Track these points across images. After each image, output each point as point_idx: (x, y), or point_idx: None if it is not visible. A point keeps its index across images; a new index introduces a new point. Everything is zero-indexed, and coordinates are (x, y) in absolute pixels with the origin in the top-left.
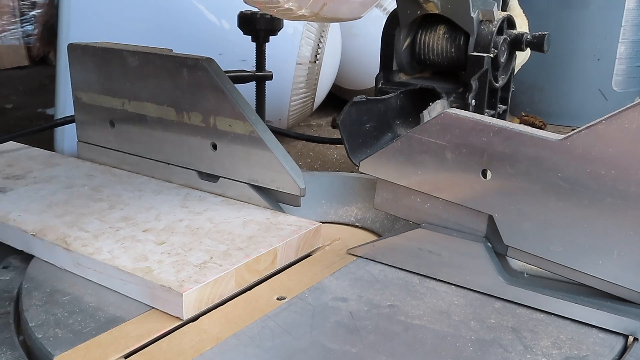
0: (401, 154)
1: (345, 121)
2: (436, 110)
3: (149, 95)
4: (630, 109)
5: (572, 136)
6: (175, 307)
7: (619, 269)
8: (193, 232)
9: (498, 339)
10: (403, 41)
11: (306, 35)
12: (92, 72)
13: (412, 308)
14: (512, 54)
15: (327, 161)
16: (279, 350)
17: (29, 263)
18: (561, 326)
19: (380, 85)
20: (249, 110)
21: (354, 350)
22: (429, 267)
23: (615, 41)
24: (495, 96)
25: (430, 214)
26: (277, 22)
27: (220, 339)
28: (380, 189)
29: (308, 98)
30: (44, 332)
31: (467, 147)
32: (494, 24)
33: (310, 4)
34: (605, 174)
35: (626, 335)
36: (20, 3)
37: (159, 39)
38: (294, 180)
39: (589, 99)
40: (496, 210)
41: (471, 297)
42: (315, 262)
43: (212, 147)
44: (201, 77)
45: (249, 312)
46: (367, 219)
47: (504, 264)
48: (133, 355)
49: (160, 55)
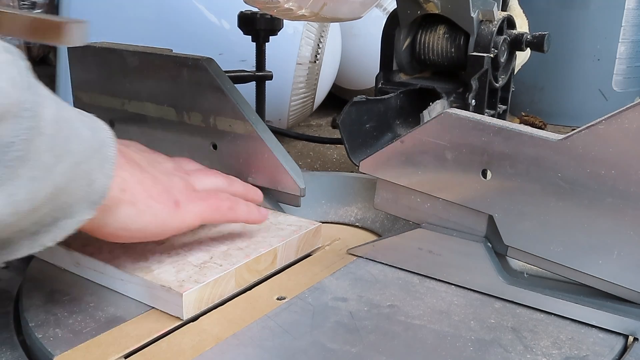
0: (401, 154)
1: (345, 121)
2: (436, 110)
3: (149, 95)
4: (630, 109)
5: (572, 136)
6: (175, 307)
7: (619, 269)
8: (193, 231)
9: (498, 339)
10: (403, 41)
11: (306, 35)
12: (92, 72)
13: (412, 308)
14: (512, 54)
15: (327, 161)
16: (279, 350)
17: (29, 263)
18: (561, 326)
19: (380, 85)
20: (249, 110)
21: (354, 350)
22: (429, 267)
23: (615, 41)
24: (495, 96)
25: (430, 214)
26: (277, 22)
27: (220, 339)
28: (380, 189)
29: (308, 98)
30: (44, 332)
31: (467, 147)
32: (494, 24)
33: (310, 4)
34: (605, 174)
35: (626, 335)
36: (20, 3)
37: (159, 39)
38: (294, 180)
39: (589, 99)
40: (496, 210)
41: (471, 297)
42: (315, 262)
43: (212, 147)
44: (201, 77)
45: (249, 312)
46: (367, 219)
47: (504, 264)
48: (133, 355)
49: (160, 55)
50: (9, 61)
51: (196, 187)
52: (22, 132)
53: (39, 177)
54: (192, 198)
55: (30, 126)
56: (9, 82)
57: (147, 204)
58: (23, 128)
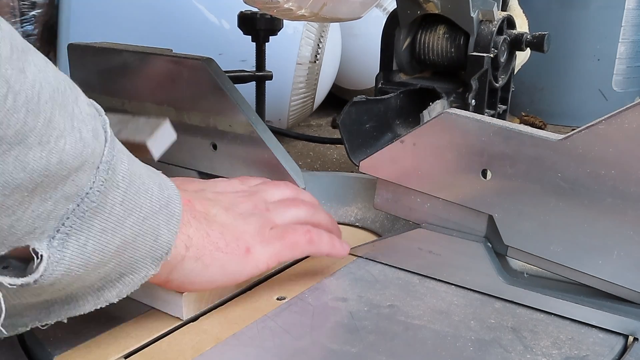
0: (401, 154)
1: (345, 121)
2: (436, 110)
3: (149, 95)
4: (630, 109)
5: (572, 136)
6: (175, 307)
7: (619, 269)
8: None
9: (498, 339)
10: (403, 41)
11: (306, 35)
12: (92, 72)
13: (412, 308)
14: (512, 54)
15: (327, 161)
16: (279, 350)
17: None
18: (561, 326)
19: (380, 85)
20: (249, 110)
21: (354, 350)
22: (429, 267)
23: (615, 41)
24: (495, 96)
25: (430, 214)
26: (277, 22)
27: (220, 339)
28: (380, 189)
29: (308, 98)
30: (44, 332)
31: (467, 147)
32: (494, 24)
33: (310, 4)
34: (605, 174)
35: (626, 335)
36: (20, 3)
37: (159, 39)
38: (294, 180)
39: (589, 99)
40: (496, 210)
41: (471, 297)
42: (315, 262)
43: (212, 147)
44: (201, 77)
45: (249, 312)
46: (367, 219)
47: (504, 264)
48: (133, 355)
49: (160, 55)
50: (92, 114)
51: (276, 221)
52: (99, 184)
53: (110, 230)
54: (267, 239)
55: (106, 178)
56: (91, 134)
57: (213, 256)
58: (100, 180)
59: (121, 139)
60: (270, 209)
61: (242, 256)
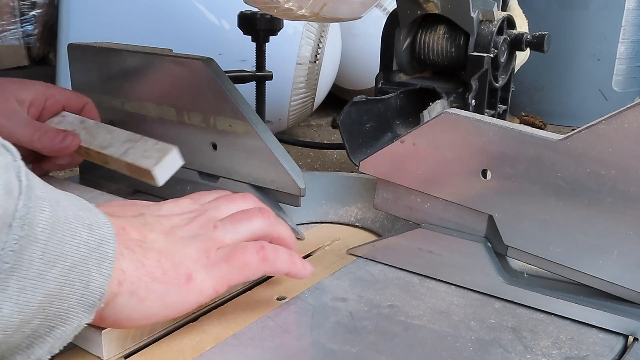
0: (401, 154)
1: (345, 121)
2: (436, 110)
3: (149, 95)
4: (630, 109)
5: (572, 136)
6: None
7: (619, 269)
8: None
9: (498, 339)
10: (403, 41)
11: (306, 35)
12: (92, 72)
13: (412, 308)
14: (512, 54)
15: (327, 161)
16: (279, 350)
17: None
18: (561, 326)
19: (380, 85)
20: (249, 110)
21: (354, 350)
22: (429, 267)
23: (615, 41)
24: (495, 96)
25: (430, 214)
26: (277, 22)
27: (220, 339)
28: (380, 189)
29: (308, 98)
30: None
31: (467, 147)
32: (494, 24)
33: (310, 4)
34: (605, 174)
35: (626, 335)
36: (20, 3)
37: (159, 39)
38: (294, 180)
39: (589, 99)
40: (496, 210)
41: (471, 297)
42: (315, 262)
43: (212, 147)
44: (201, 77)
45: (249, 312)
46: (367, 219)
47: (504, 264)
48: (133, 355)
49: (160, 55)
50: (4, 165)
51: (226, 240)
52: (12, 243)
53: (29, 287)
54: (212, 262)
55: (21, 235)
56: (2, 191)
57: (149, 288)
58: (13, 238)
59: (127, 161)
60: (218, 226)
61: (182, 285)
